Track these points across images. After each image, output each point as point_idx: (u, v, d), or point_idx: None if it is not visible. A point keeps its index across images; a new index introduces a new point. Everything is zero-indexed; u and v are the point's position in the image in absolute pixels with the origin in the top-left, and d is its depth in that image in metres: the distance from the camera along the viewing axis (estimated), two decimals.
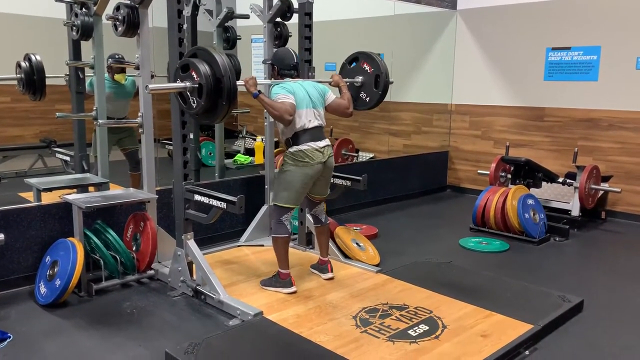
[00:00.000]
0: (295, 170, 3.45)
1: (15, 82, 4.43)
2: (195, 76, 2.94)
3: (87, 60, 4.34)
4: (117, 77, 5.06)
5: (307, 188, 3.57)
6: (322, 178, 3.60)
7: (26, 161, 6.34)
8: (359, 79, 4.13)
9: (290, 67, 3.63)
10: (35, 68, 4.26)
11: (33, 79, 4.27)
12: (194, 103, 2.99)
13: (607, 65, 5.60)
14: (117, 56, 5.03)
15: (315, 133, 3.49)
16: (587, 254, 4.70)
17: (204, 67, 2.91)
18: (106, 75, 4.88)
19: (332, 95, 3.67)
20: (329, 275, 3.76)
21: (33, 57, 4.27)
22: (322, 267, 3.80)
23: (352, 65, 4.20)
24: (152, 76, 4.06)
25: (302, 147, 3.44)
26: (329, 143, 3.58)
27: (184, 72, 3.00)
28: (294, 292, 3.49)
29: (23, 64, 4.30)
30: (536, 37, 6.07)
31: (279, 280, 3.52)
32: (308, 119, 3.46)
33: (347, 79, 4.09)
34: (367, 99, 4.14)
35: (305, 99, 3.47)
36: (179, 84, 3.00)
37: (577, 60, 5.78)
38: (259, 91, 3.33)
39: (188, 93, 3.00)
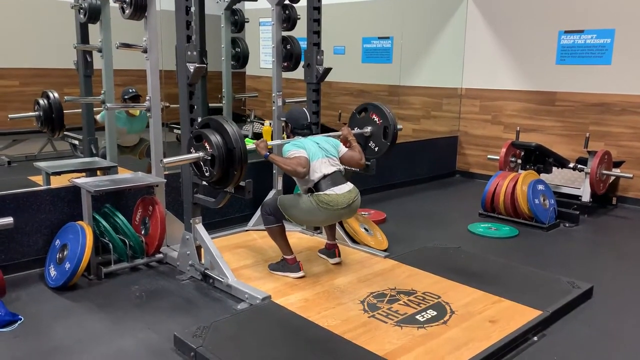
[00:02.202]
0: (313, 207, 3.42)
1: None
2: (208, 147, 3.02)
3: (95, 43, 4.32)
4: (131, 110, 5.08)
5: (322, 224, 3.68)
6: (344, 216, 3.60)
7: (35, 145, 6.37)
8: (368, 129, 4.16)
9: (303, 127, 3.71)
10: (54, 105, 4.34)
11: (51, 116, 4.34)
12: (207, 172, 3.09)
13: (621, 48, 5.50)
14: (130, 90, 5.08)
15: (336, 178, 3.49)
16: (597, 240, 4.66)
17: (216, 139, 3.00)
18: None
19: (344, 148, 3.73)
20: (337, 260, 3.76)
21: (51, 95, 4.34)
22: (329, 251, 3.80)
23: (361, 115, 4.22)
24: (164, 107, 4.15)
25: (327, 192, 3.43)
26: (352, 186, 3.55)
27: (198, 142, 3.08)
28: (302, 277, 3.49)
29: (41, 102, 4.37)
30: (548, 20, 5.97)
31: (286, 265, 3.53)
32: (324, 167, 3.48)
33: (356, 129, 4.15)
34: (376, 149, 4.17)
35: (318, 150, 3.51)
36: (192, 155, 3.09)
37: (591, 43, 5.69)
38: (269, 152, 3.45)
39: (201, 162, 3.09)
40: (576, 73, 5.84)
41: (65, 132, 5.13)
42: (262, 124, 7.80)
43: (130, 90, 5.10)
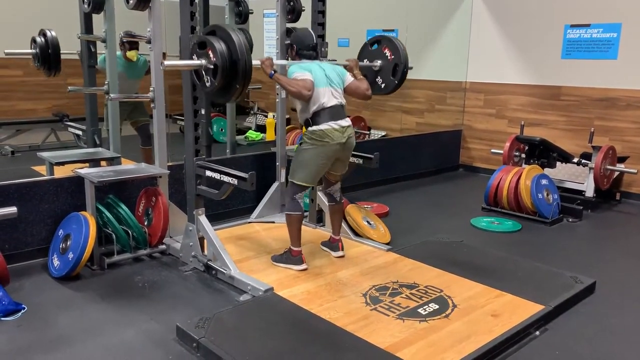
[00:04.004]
0: (313, 149, 3.41)
1: (30, 57, 4.43)
2: (211, 55, 2.90)
3: (99, 33, 4.31)
4: (129, 54, 5.03)
5: (325, 168, 3.53)
6: (340, 158, 3.55)
7: (39, 135, 6.38)
8: (378, 63, 4.06)
9: (309, 48, 3.57)
10: (51, 43, 4.26)
11: (48, 54, 4.26)
12: (208, 82, 2.97)
13: (627, 43, 5.46)
14: (129, 33, 5.00)
15: (335, 112, 3.43)
16: (600, 235, 4.65)
17: (220, 46, 2.86)
18: (118, 53, 4.87)
19: (350, 77, 3.61)
20: (340, 253, 3.76)
21: (48, 33, 4.26)
22: (333, 245, 3.80)
23: (373, 47, 4.12)
24: (164, 55, 4.05)
25: (322, 126, 3.39)
26: (350, 123, 3.52)
27: (201, 49, 2.96)
28: (305, 269, 3.49)
29: (38, 39, 4.29)
30: (554, 14, 5.93)
31: (290, 257, 3.53)
32: (326, 97, 3.40)
33: (365, 62, 4.05)
34: (383, 85, 4.09)
35: (323, 77, 3.42)
36: (194, 62, 2.98)
37: (597, 37, 5.65)
38: (275, 71, 3.33)
39: (203, 71, 2.98)
40: (582, 67, 5.80)
41: (69, 122, 5.12)
42: (266, 116, 7.80)
43: (130, 33, 4.99)
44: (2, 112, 6.78)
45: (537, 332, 2.87)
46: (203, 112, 4.24)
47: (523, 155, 5.50)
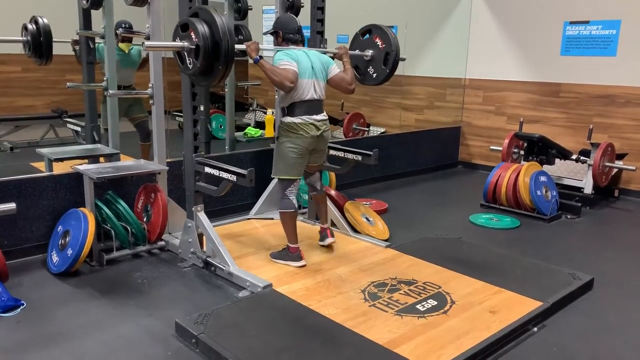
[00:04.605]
0: (289, 141, 3.42)
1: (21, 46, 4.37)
2: (193, 37, 2.88)
3: (98, 29, 4.30)
4: (121, 45, 5.01)
5: (304, 159, 3.53)
6: (316, 149, 3.56)
7: (38, 131, 6.38)
8: (369, 52, 4.01)
9: (295, 31, 3.51)
10: (42, 31, 4.17)
11: (40, 42, 4.18)
12: (190, 64, 2.96)
13: (626, 40, 5.46)
14: (124, 25, 4.97)
15: (312, 106, 3.43)
16: (599, 232, 4.66)
17: (202, 28, 2.85)
18: None
19: (335, 69, 3.57)
20: (330, 240, 3.74)
21: (40, 20, 4.19)
22: (322, 234, 3.79)
23: (364, 37, 4.09)
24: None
25: (296, 119, 3.39)
26: (326, 117, 3.54)
27: (184, 31, 2.95)
28: (303, 266, 3.50)
29: (30, 27, 4.20)
30: (554, 11, 5.93)
31: (288, 253, 3.53)
32: (307, 90, 3.39)
33: (357, 52, 4.01)
34: (375, 75, 4.04)
35: (308, 69, 3.40)
36: (175, 43, 2.96)
37: (596, 34, 5.65)
38: (260, 56, 3.26)
39: (185, 53, 2.97)
40: (581, 64, 5.80)
41: (68, 119, 5.11)
42: (265, 113, 7.80)
43: (124, 25, 4.96)
44: (1, 108, 6.79)
45: (535, 329, 2.88)
46: (202, 108, 4.25)
47: (522, 152, 5.50)
